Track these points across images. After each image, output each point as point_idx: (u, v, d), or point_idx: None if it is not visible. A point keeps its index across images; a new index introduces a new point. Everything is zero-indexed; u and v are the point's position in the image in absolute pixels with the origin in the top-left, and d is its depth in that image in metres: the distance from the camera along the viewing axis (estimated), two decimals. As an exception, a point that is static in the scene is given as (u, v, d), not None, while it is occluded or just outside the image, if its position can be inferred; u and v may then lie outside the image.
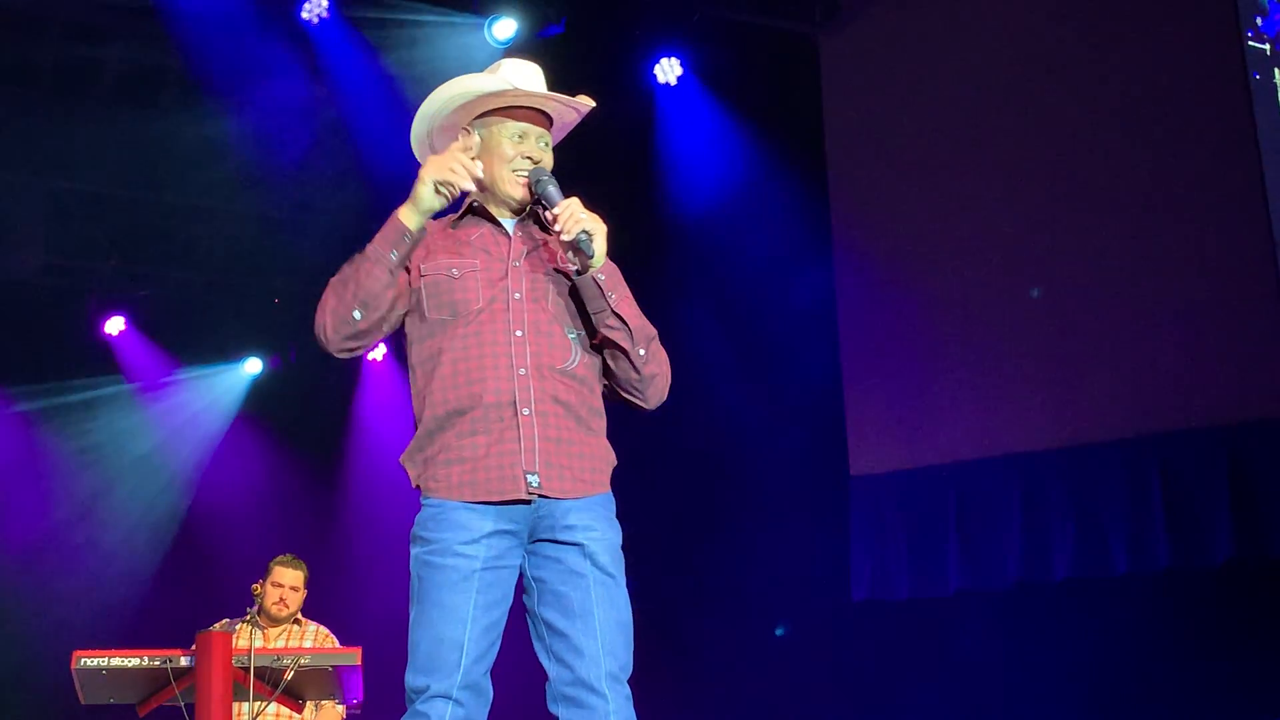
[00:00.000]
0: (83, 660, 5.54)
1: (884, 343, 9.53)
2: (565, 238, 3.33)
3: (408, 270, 3.42)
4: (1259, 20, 8.12)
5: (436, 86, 3.52)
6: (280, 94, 9.13)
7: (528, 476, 3.25)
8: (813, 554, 9.59)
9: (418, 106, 3.59)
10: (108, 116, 8.90)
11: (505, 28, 8.93)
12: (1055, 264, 8.73)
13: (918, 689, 9.12)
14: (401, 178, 9.58)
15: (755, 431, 9.34)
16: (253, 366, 10.51)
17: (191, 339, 10.18)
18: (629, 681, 3.31)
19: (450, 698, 3.16)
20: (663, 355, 3.49)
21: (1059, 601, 8.69)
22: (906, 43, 9.64)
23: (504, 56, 8.97)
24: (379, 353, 10.78)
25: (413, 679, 3.20)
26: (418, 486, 3.34)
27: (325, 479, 10.09)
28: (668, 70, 9.71)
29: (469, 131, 3.51)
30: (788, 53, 10.07)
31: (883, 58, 9.76)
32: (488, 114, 3.50)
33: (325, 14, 8.76)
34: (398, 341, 10.54)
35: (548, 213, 3.40)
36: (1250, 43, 8.10)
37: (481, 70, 3.60)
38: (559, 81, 3.60)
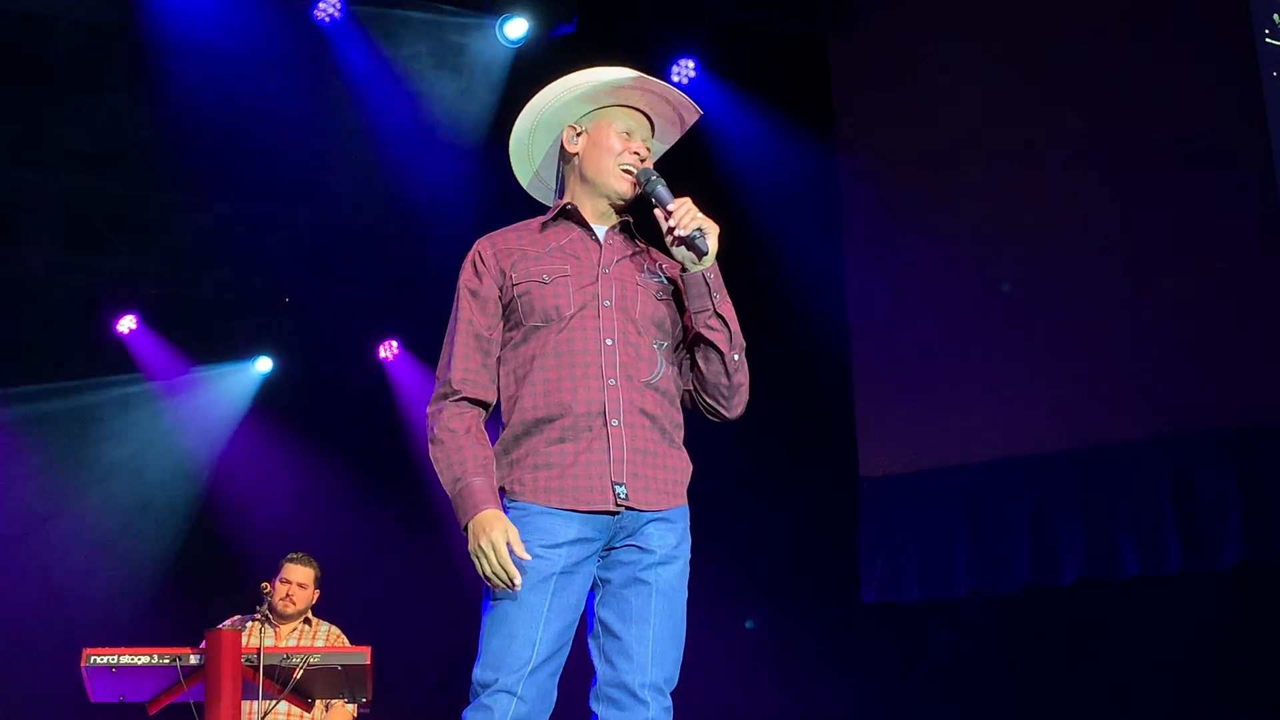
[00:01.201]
0: (92, 658, 5.55)
1: (894, 344, 9.52)
2: (681, 233, 3.38)
3: (500, 279, 3.43)
4: (1277, 18, 8.07)
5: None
6: (293, 93, 9.13)
7: (616, 488, 3.28)
8: (822, 555, 9.58)
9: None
10: (119, 113, 8.91)
11: (517, 27, 8.93)
12: (1067, 265, 8.71)
13: (927, 691, 9.11)
14: (414, 176, 9.58)
15: (764, 431, 9.33)
16: (264, 365, 10.52)
17: (203, 337, 10.19)
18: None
19: (515, 694, 3.17)
20: (746, 367, 3.52)
21: (1069, 604, 8.67)
22: (915, 41, 9.63)
23: (515, 56, 9.05)
24: (392, 349, 10.78)
25: (481, 673, 3.21)
26: (501, 488, 3.34)
27: (339, 477, 10.08)
28: (680, 71, 9.72)
29: (574, 127, 3.55)
30: (798, 52, 10.07)
31: (892, 56, 9.76)
32: (595, 110, 3.55)
33: (337, 13, 8.76)
34: (411, 336, 10.49)
35: (659, 210, 3.44)
36: (1268, 39, 8.06)
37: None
38: (570, 81, 3.60)
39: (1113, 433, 8.38)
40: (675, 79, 9.67)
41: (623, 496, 3.27)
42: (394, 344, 10.76)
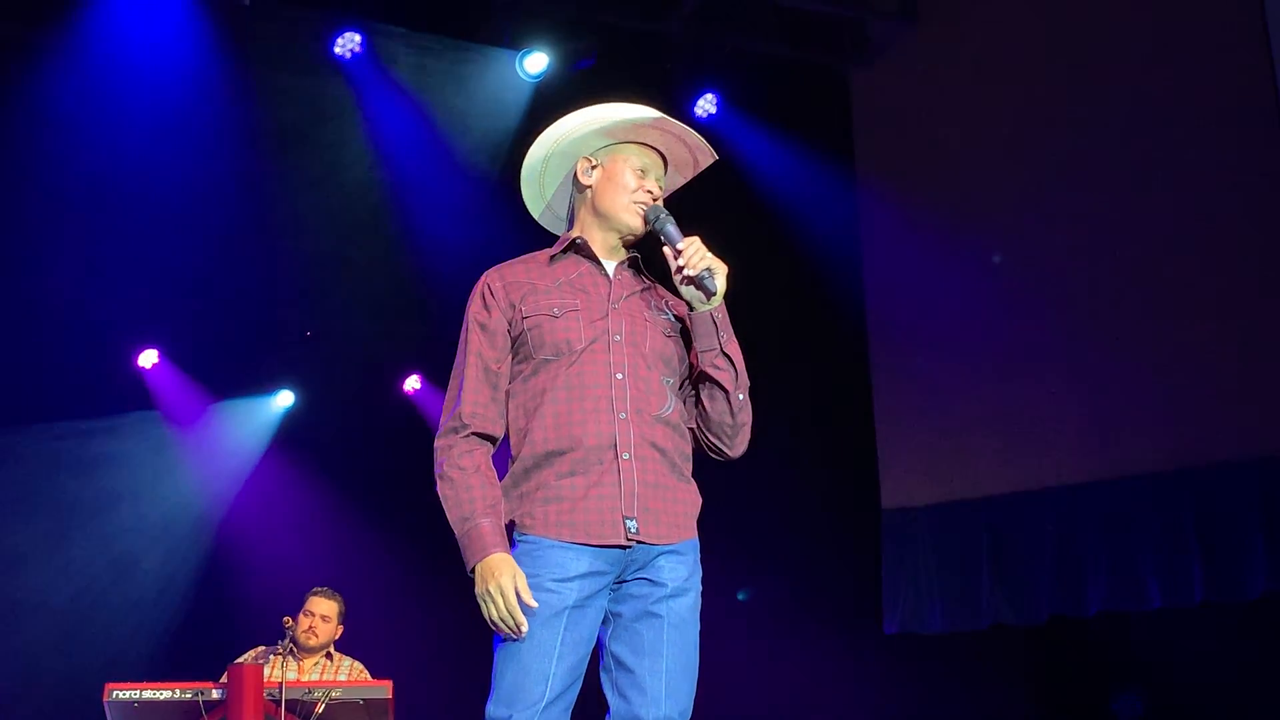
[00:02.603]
0: (115, 693, 5.57)
1: (916, 375, 9.51)
2: (690, 272, 3.37)
3: (510, 312, 3.43)
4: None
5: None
6: (314, 127, 9.17)
7: (626, 522, 3.26)
8: (844, 587, 9.56)
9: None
10: (141, 146, 8.95)
11: (537, 61, 8.96)
12: (1090, 297, 8.70)
13: (951, 723, 9.08)
14: (434, 209, 9.57)
15: (786, 464, 9.33)
16: (285, 399, 10.53)
17: (224, 371, 10.20)
18: None
19: None
20: (750, 407, 3.51)
21: (1093, 636, 8.63)
22: (935, 75, 9.65)
23: (535, 90, 9.09)
24: (415, 384, 10.78)
25: (494, 709, 3.20)
26: (511, 522, 3.33)
27: (361, 511, 10.07)
28: (702, 105, 9.74)
29: (589, 159, 3.56)
30: (819, 86, 10.09)
31: (912, 89, 9.78)
32: (611, 145, 3.56)
33: (358, 49, 8.80)
34: (435, 370, 10.44)
35: (668, 249, 3.43)
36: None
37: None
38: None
39: (1136, 464, 8.35)
40: (698, 113, 9.69)
41: (634, 531, 3.26)
42: (417, 378, 10.76)
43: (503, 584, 3.16)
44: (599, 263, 3.52)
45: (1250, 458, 7.92)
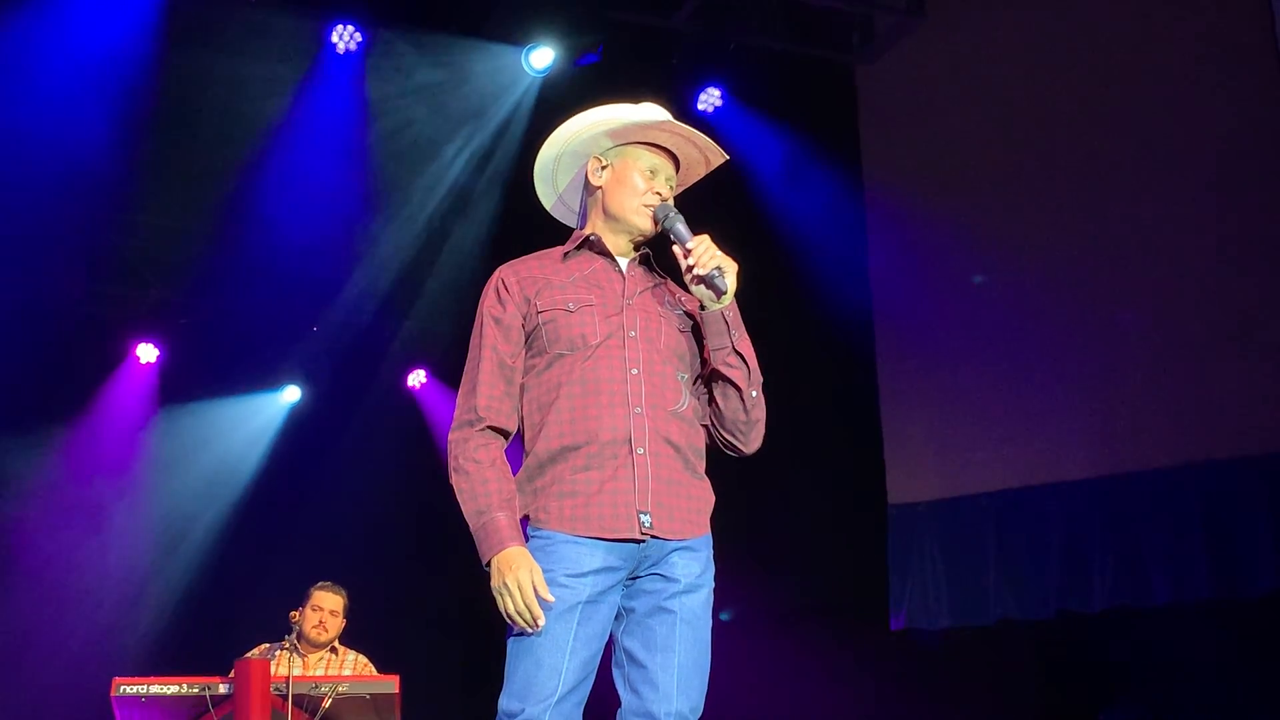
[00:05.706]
0: (122, 687, 5.57)
1: (922, 370, 9.50)
2: (700, 271, 3.37)
3: (525, 307, 3.43)
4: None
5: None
6: (319, 121, 9.18)
7: (641, 516, 3.26)
8: (850, 583, 9.55)
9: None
10: (151, 145, 8.96)
11: (543, 56, 8.96)
12: (1098, 292, 8.69)
13: (958, 719, 9.07)
14: (440, 204, 9.52)
15: (792, 459, 9.33)
16: (291, 394, 10.53)
17: (230, 366, 10.20)
18: None
19: None
20: (764, 403, 3.51)
21: (1100, 632, 8.63)
22: (941, 70, 9.64)
23: (541, 85, 9.09)
24: (420, 378, 10.79)
25: (507, 702, 3.20)
26: (525, 516, 3.33)
27: (366, 505, 10.08)
28: (707, 99, 9.74)
29: (599, 159, 3.56)
30: (825, 80, 10.08)
31: (919, 85, 9.76)
32: (620, 146, 3.56)
33: (360, 38, 8.79)
34: (439, 365, 10.43)
35: (678, 248, 3.43)
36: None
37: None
38: (597, 110, 3.61)
39: (1143, 459, 8.35)
40: (702, 107, 9.69)
41: (647, 525, 3.26)
42: (422, 373, 10.76)
43: (520, 578, 3.16)
44: (612, 259, 3.52)
45: (1257, 454, 7.92)
